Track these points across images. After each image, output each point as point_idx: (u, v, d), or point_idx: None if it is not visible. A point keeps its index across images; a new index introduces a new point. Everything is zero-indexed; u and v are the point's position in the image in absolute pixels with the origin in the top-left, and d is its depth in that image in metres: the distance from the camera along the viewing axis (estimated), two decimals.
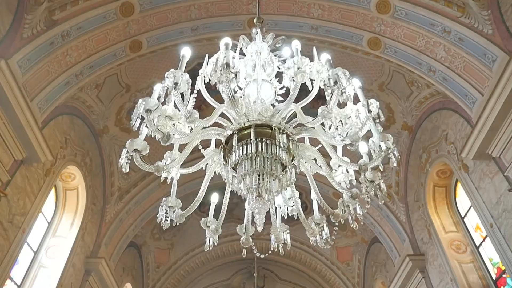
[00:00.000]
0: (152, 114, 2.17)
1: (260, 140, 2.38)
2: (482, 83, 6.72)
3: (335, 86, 2.15)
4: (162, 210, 2.60)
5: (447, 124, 8.08)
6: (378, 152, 2.30)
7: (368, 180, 2.39)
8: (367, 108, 2.24)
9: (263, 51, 2.59)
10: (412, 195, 9.64)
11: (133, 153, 2.30)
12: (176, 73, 2.25)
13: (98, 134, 9.43)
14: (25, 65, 6.41)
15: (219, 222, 2.71)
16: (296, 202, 2.73)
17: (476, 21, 6.65)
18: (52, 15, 6.75)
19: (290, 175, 2.41)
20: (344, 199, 2.60)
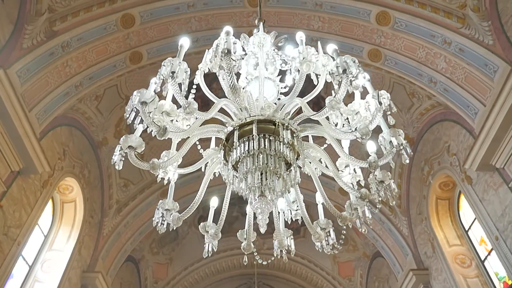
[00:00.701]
0: (148, 107, 2.10)
1: (263, 136, 2.27)
2: (484, 94, 6.67)
3: (344, 75, 2.07)
4: (158, 213, 2.49)
5: (449, 135, 8.01)
6: (389, 148, 2.21)
7: (377, 180, 2.29)
8: (377, 99, 2.15)
9: (265, 43, 2.52)
10: (415, 208, 9.50)
11: (127, 150, 2.21)
12: (174, 61, 2.17)
13: (97, 146, 9.35)
14: (24, 75, 6.38)
15: (219, 226, 2.59)
16: (300, 205, 2.62)
17: (476, 32, 6.65)
18: (53, 26, 6.76)
19: (294, 173, 2.31)
20: (351, 201, 2.49)
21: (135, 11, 7.66)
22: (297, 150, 2.41)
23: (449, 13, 6.98)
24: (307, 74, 2.37)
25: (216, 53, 2.18)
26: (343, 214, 2.48)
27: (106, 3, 7.36)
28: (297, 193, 2.62)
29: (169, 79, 2.13)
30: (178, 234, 13.73)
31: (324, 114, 2.29)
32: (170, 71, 2.15)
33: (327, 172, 2.58)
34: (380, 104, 2.16)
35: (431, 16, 7.20)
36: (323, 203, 2.75)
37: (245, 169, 2.19)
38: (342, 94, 2.17)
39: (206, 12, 8.36)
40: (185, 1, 8.10)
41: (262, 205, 2.11)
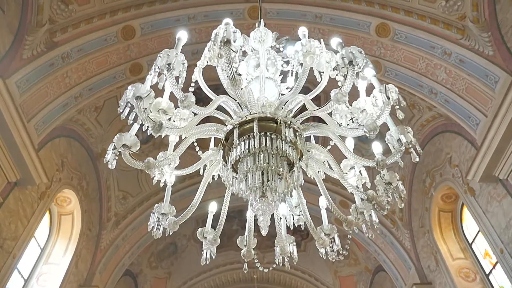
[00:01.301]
0: (143, 102, 2.03)
1: (264, 134, 2.19)
2: (485, 104, 6.64)
3: (350, 66, 2.01)
4: (153, 217, 2.40)
5: (451, 147, 7.95)
6: (397, 147, 2.13)
7: (385, 182, 2.20)
8: (385, 93, 2.09)
9: (267, 38, 2.46)
10: (417, 220, 9.37)
11: (121, 149, 2.14)
12: (170, 53, 2.11)
13: (95, 158, 9.28)
14: (24, 86, 6.36)
15: (217, 232, 2.50)
16: (303, 209, 2.52)
17: (476, 43, 6.66)
18: (53, 37, 6.77)
19: (297, 174, 2.22)
20: (357, 205, 2.40)
21: (136, 23, 7.70)
22: (300, 149, 2.33)
23: (449, 24, 7.01)
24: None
25: (215, 42, 2.11)
26: (349, 218, 2.38)
27: (107, 14, 7.39)
28: (300, 196, 2.53)
29: (164, 71, 2.07)
30: (177, 248, 13.54)
31: (329, 109, 2.21)
32: (166, 63, 2.09)
33: (331, 174, 2.50)
34: (388, 99, 2.09)
35: (430, 28, 7.23)
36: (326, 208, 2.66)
37: (245, 169, 2.11)
38: (348, 86, 2.09)
39: (207, 24, 8.40)
40: (186, 13, 8.15)
41: (263, 207, 2.02)
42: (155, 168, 2.21)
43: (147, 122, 2.03)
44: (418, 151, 2.10)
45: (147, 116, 2.02)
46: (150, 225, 2.36)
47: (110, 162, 2.09)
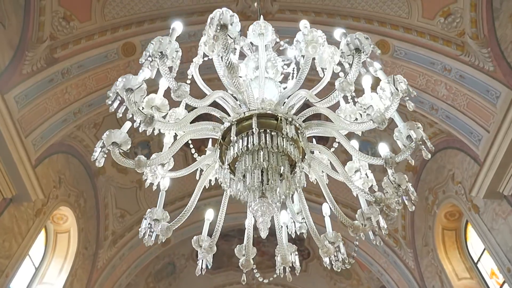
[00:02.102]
0: (134, 95, 1.95)
1: (263, 131, 2.08)
2: (487, 120, 6.59)
3: (356, 54, 1.93)
4: (145, 223, 2.28)
5: (453, 163, 7.85)
6: (407, 143, 2.04)
7: (393, 184, 2.10)
8: (393, 84, 2.01)
9: (267, 32, 2.38)
10: (420, 239, 9.18)
11: (111, 147, 2.05)
12: (163, 40, 2.04)
13: (94, 175, 9.18)
14: (22, 101, 6.33)
15: (213, 239, 2.37)
16: (306, 215, 2.40)
17: (476, 58, 6.67)
18: (54, 53, 6.78)
19: (300, 174, 2.11)
20: (363, 210, 2.29)
21: (137, 40, 7.73)
22: (302, 148, 2.23)
23: (448, 41, 7.03)
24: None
25: (211, 24, 2.03)
26: (355, 223, 2.26)
27: (108, 31, 7.43)
28: (302, 201, 2.42)
29: (157, 59, 1.99)
30: (176, 268, 13.25)
31: (333, 99, 2.12)
32: (159, 51, 2.02)
33: (335, 176, 2.40)
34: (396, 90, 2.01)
35: (430, 44, 7.25)
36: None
37: (244, 167, 2.00)
38: (354, 75, 2.01)
39: None
40: (187, 30, 8.20)
41: (263, 207, 1.90)
42: (146, 167, 2.11)
43: (138, 115, 1.95)
44: (429, 147, 2.01)
45: (137, 109, 1.94)
46: (142, 232, 2.25)
47: (98, 160, 2.00)
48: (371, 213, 2.26)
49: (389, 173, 2.16)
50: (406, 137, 2.08)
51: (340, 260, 2.35)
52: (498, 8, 6.36)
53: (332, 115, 2.30)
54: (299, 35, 2.24)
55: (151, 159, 2.20)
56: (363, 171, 2.53)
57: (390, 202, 2.12)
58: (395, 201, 2.11)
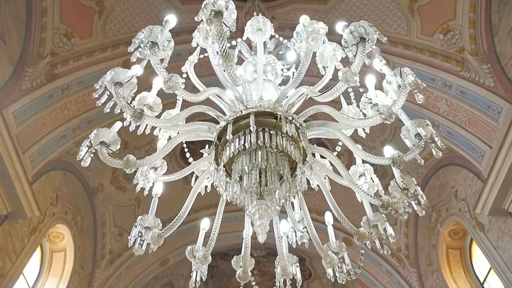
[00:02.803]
0: (123, 90, 1.88)
1: (262, 130, 1.98)
2: (489, 136, 6.52)
3: (360, 44, 1.86)
4: (135, 230, 2.17)
5: (456, 180, 7.74)
6: (416, 141, 1.95)
7: (400, 188, 2.00)
8: (399, 76, 1.93)
9: (265, 28, 2.31)
10: (424, 258, 8.97)
11: (98, 146, 1.97)
12: (154, 29, 1.98)
13: (92, 192, 9.07)
14: (21, 116, 6.29)
15: (208, 248, 2.26)
16: (308, 223, 2.28)
17: (476, 74, 6.66)
18: (54, 69, 6.79)
19: (300, 176, 2.01)
20: (369, 217, 2.18)
21: None
22: (303, 148, 2.13)
23: (448, 57, 7.04)
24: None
25: (204, 9, 1.96)
26: (361, 230, 2.15)
27: (109, 48, 7.47)
28: (303, 208, 2.31)
29: (147, 49, 1.92)
30: None
31: (336, 92, 2.03)
32: (149, 40, 1.96)
33: (339, 180, 2.30)
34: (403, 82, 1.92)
35: (430, 61, 7.26)
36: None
37: (240, 167, 1.90)
38: (358, 65, 1.93)
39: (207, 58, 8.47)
40: (187, 47, 8.21)
41: (261, 210, 1.79)
42: (135, 167, 2.02)
43: (126, 109, 1.87)
44: (439, 145, 1.92)
45: (126, 103, 1.86)
46: (131, 240, 2.14)
47: (84, 160, 1.91)
48: (378, 220, 2.16)
49: (396, 176, 2.07)
50: (414, 135, 1.99)
51: (345, 271, 2.22)
52: (497, 25, 6.38)
53: (334, 112, 2.22)
54: (299, 27, 2.18)
55: (141, 159, 2.12)
56: (368, 175, 2.44)
57: (398, 207, 2.02)
58: (404, 205, 2.00)
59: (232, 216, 10.41)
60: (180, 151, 9.83)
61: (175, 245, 10.62)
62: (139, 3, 7.82)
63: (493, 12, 6.39)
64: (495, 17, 6.38)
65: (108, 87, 1.93)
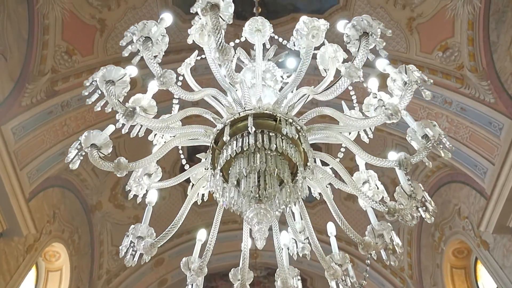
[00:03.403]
0: (115, 88, 1.83)
1: (260, 132, 1.91)
2: (491, 152, 6.47)
3: (363, 38, 1.81)
4: (126, 240, 2.08)
5: (459, 197, 7.64)
6: (423, 143, 1.88)
7: (407, 193, 1.92)
8: (404, 73, 1.87)
9: (264, 28, 2.26)
10: (428, 278, 8.77)
11: (88, 149, 1.91)
12: (148, 24, 1.94)
13: (90, 210, 8.95)
14: (20, 133, 6.26)
15: (204, 260, 2.16)
16: (309, 232, 2.18)
17: (476, 91, 6.66)
18: (54, 86, 6.81)
19: (302, 181, 1.93)
20: (373, 226, 2.09)
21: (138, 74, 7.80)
22: (303, 151, 2.06)
23: (447, 74, 7.06)
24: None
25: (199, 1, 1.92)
26: (366, 239, 2.06)
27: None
28: (305, 218, 2.22)
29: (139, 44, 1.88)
30: None
31: (339, 88, 1.97)
32: (143, 36, 1.91)
33: (342, 187, 2.22)
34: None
35: (429, 77, 7.26)
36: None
37: (238, 170, 1.83)
38: (361, 59, 1.87)
39: (207, 76, 8.50)
40: None
41: (259, 215, 1.71)
42: (126, 170, 1.96)
43: (118, 107, 1.82)
44: (448, 146, 1.86)
45: (117, 101, 1.81)
46: (123, 251, 2.05)
47: (72, 162, 1.85)
48: (383, 228, 2.07)
49: (401, 181, 2.00)
50: (421, 137, 1.93)
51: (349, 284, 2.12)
52: (496, 42, 6.42)
53: (336, 113, 2.17)
54: (300, 24, 2.14)
55: (134, 162, 2.06)
56: (372, 182, 2.37)
57: (405, 213, 1.94)
58: (412, 211, 1.92)
59: (232, 236, 10.25)
60: (180, 167, 9.78)
61: (174, 265, 10.41)
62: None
63: (491, 30, 6.44)
64: (493, 34, 6.43)
65: (100, 86, 1.89)
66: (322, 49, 2.28)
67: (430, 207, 1.94)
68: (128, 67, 2.06)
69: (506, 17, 6.18)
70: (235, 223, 10.50)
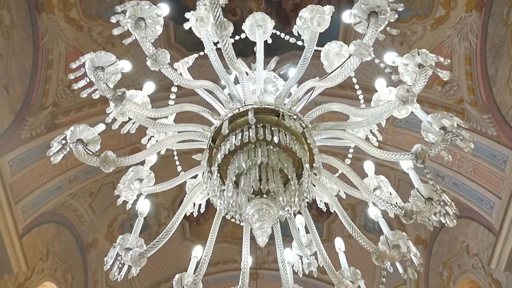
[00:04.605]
0: (104, 74, 1.74)
1: (262, 126, 1.80)
2: (497, 186, 6.33)
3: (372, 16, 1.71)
4: (112, 251, 1.92)
5: (466, 234, 7.40)
6: (441, 134, 1.76)
7: (424, 197, 1.78)
8: (417, 55, 1.77)
9: (265, 24, 2.21)
10: None
11: (73, 144, 1.79)
12: (143, 4, 1.85)
13: (85, 248, 8.67)
14: (17, 165, 6.18)
15: (198, 275, 1.97)
16: (316, 243, 2.01)
17: (478, 124, 6.63)
18: (55, 119, 6.81)
19: (308, 179, 1.80)
20: (387, 235, 1.93)
21: None
22: (309, 148, 1.93)
23: (448, 108, 7.07)
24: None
25: None
26: (381, 247, 1.89)
27: None
28: (312, 228, 2.05)
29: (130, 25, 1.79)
30: None
31: (347, 70, 1.84)
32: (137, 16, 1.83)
33: (352, 193, 2.08)
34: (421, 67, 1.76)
35: (429, 111, 7.16)
36: None
37: (237, 165, 1.70)
38: (371, 37, 1.76)
39: None
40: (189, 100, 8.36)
41: (261, 211, 1.54)
42: (114, 165, 1.84)
43: (106, 91, 1.73)
44: (468, 137, 1.74)
45: (105, 84, 1.72)
46: (108, 263, 1.89)
47: (53, 156, 1.74)
48: (399, 238, 1.92)
49: (415, 183, 1.88)
50: (439, 129, 1.82)
51: None
52: (494, 76, 6.48)
53: (344, 106, 2.08)
54: (303, 12, 2.08)
55: (123, 158, 1.95)
56: (385, 188, 2.24)
57: (424, 215, 1.79)
58: (430, 215, 1.77)
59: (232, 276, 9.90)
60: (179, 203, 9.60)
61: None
62: (142, 60, 8.09)
63: (489, 64, 6.52)
64: (491, 68, 6.50)
65: (88, 72, 1.81)
66: (326, 46, 2.25)
67: (451, 210, 1.80)
68: (121, 61, 2.00)
69: (503, 51, 6.28)
70: (235, 263, 10.16)
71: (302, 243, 2.22)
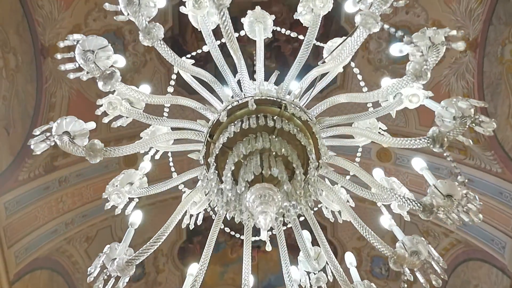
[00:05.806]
0: (95, 56, 1.65)
1: (263, 115, 1.71)
2: (507, 224, 6.14)
3: None
4: (97, 262, 1.75)
5: (478, 277, 7.05)
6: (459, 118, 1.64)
7: (443, 194, 1.64)
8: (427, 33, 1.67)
9: (265, 21, 2.16)
10: None
11: (58, 137, 1.68)
12: None
13: None
14: (13, 207, 6.05)
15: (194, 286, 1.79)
16: (329, 256, 1.84)
17: (481, 161, 6.56)
18: (54, 161, 6.77)
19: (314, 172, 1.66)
20: (404, 241, 1.76)
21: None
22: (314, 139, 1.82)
23: (450, 146, 6.99)
24: None
25: None
26: (399, 251, 1.72)
27: (111, 142, 7.55)
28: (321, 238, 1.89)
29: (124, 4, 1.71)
30: None
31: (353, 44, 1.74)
32: None
33: (362, 193, 1.94)
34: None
35: (431, 150, 7.22)
36: None
37: (236, 153, 1.59)
38: (378, 7, 1.67)
39: None
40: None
41: (263, 198, 1.37)
42: (101, 155, 1.72)
43: (95, 71, 1.64)
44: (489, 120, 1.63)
45: (94, 64, 1.64)
46: (92, 275, 1.72)
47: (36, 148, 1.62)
48: (418, 242, 1.76)
49: (430, 181, 1.76)
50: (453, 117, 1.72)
51: None
52: (494, 113, 6.50)
53: (351, 95, 2.00)
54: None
55: (112, 148, 1.84)
56: (398, 188, 2.11)
57: (446, 210, 1.64)
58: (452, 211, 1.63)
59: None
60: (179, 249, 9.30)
61: None
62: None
63: (487, 102, 6.56)
64: (490, 106, 6.53)
65: (77, 57, 1.74)
66: (329, 43, 2.24)
67: (474, 206, 1.67)
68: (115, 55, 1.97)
69: (500, 89, 6.35)
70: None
71: (311, 256, 2.07)
